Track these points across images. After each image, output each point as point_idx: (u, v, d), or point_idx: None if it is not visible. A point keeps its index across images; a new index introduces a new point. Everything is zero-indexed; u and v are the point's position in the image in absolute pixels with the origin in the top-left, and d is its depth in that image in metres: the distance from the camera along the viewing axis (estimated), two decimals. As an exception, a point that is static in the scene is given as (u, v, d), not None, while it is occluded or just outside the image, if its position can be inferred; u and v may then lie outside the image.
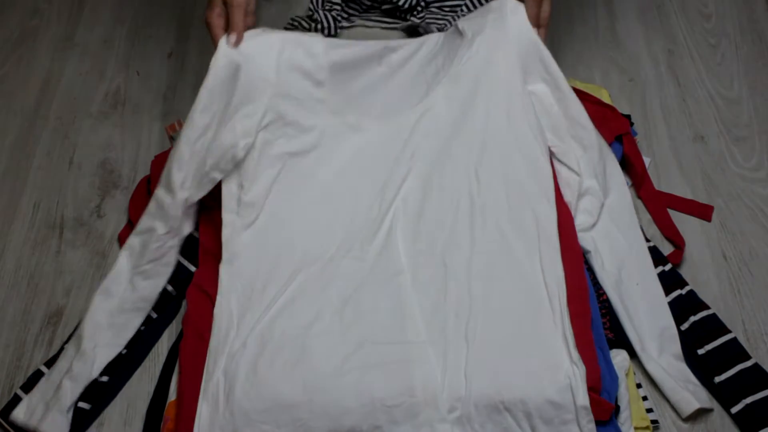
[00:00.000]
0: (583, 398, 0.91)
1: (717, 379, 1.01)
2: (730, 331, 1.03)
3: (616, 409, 0.96)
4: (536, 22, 1.08)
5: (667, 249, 1.13)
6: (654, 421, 0.98)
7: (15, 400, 1.00)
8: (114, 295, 1.04)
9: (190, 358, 0.98)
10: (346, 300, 0.99)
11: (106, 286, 1.04)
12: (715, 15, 1.41)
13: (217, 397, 0.94)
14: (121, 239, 1.14)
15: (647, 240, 1.10)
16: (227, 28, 1.03)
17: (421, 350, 0.96)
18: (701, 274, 1.11)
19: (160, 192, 1.05)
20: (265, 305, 1.00)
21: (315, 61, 1.07)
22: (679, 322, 1.04)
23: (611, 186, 1.11)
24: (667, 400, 1.00)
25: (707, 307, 1.05)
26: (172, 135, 1.25)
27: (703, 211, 1.17)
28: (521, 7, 1.07)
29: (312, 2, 1.39)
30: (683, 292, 1.06)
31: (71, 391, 0.98)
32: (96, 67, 1.36)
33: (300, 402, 0.92)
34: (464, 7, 1.35)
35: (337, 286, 1.01)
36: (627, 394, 0.98)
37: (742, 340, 1.04)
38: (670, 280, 1.06)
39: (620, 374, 0.99)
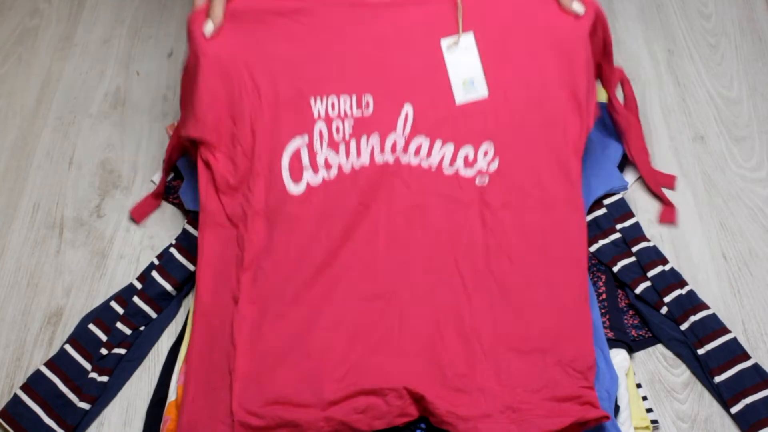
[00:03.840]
0: None
1: (717, 379, 1.01)
2: (730, 331, 1.03)
3: (616, 409, 0.96)
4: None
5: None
6: (654, 421, 0.98)
7: (15, 400, 1.00)
8: None
9: (196, 356, 0.96)
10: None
11: None
12: (715, 15, 1.41)
13: None
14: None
15: (647, 240, 1.10)
16: None
17: None
18: (701, 274, 1.11)
19: None
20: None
21: None
22: (679, 322, 1.04)
23: None
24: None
25: (707, 307, 1.05)
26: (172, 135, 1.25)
27: (666, 182, 1.18)
28: None
29: None
30: (683, 292, 1.06)
31: None
32: (96, 67, 1.36)
33: None
34: None
35: None
36: (627, 394, 0.98)
37: (742, 340, 1.04)
38: (670, 280, 1.06)
39: (620, 374, 0.99)
